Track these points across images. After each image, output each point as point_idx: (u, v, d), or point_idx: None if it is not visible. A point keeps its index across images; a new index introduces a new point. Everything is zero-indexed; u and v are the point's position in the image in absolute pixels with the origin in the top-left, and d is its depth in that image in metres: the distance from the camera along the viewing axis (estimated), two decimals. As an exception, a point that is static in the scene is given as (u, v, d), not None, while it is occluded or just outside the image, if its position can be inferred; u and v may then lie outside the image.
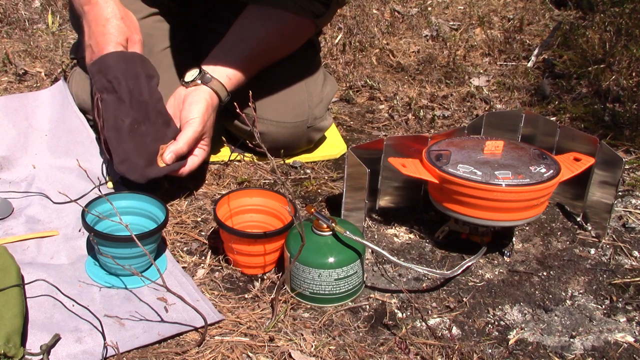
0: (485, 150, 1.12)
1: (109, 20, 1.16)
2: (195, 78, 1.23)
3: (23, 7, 2.29)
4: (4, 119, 1.35)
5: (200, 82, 1.22)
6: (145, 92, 1.16)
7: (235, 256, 1.06)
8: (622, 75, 1.79)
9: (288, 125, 1.37)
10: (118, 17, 1.16)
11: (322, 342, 0.93)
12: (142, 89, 1.16)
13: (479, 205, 1.05)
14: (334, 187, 1.35)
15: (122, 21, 1.17)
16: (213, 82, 1.23)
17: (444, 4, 2.58)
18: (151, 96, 1.17)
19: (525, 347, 0.95)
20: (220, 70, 1.24)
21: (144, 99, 1.16)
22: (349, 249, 1.00)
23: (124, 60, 1.15)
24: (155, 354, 0.90)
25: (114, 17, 1.16)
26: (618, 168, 1.13)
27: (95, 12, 1.16)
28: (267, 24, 1.29)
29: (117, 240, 0.98)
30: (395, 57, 2.09)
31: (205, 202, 1.27)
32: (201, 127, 1.19)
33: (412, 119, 1.69)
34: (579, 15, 2.45)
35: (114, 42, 1.14)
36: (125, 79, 1.14)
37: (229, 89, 1.25)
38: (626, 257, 1.15)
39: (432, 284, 1.07)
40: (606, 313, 1.02)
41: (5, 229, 1.13)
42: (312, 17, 1.31)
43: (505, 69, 2.01)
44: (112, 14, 1.16)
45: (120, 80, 1.13)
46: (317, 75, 1.43)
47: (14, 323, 0.85)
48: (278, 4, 1.27)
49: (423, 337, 0.95)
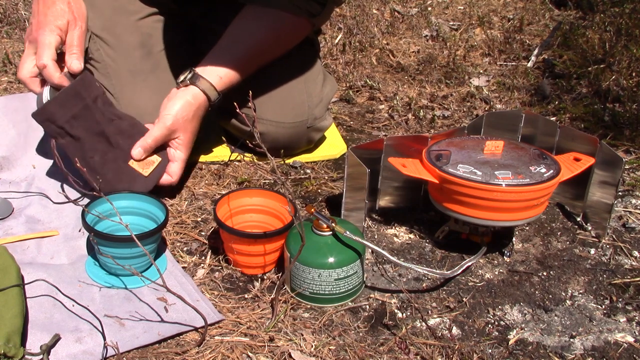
0: (485, 150, 1.12)
1: (55, 3, 1.19)
2: (185, 78, 1.23)
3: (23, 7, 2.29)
4: (4, 119, 1.36)
5: (189, 82, 1.22)
6: (99, 120, 1.17)
7: (235, 256, 1.06)
8: (622, 75, 1.79)
9: (288, 126, 1.37)
10: (65, 2, 1.20)
11: (322, 342, 0.93)
12: (95, 120, 1.17)
13: (479, 205, 1.05)
14: (334, 187, 1.35)
15: (67, 6, 1.20)
16: (201, 81, 1.22)
17: (444, 4, 2.58)
18: (106, 121, 1.18)
19: (525, 347, 0.95)
20: (211, 70, 1.24)
21: (101, 129, 1.17)
22: (349, 249, 1.00)
23: (66, 101, 1.15)
24: (155, 354, 0.90)
25: (61, 1, 1.20)
26: (618, 168, 1.13)
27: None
28: (262, 23, 1.29)
29: (117, 240, 0.98)
30: (395, 57, 2.09)
31: (205, 202, 1.27)
32: (170, 123, 1.19)
33: (412, 119, 1.69)
34: (579, 15, 2.45)
35: (51, 24, 1.17)
36: (76, 121, 1.15)
37: (219, 88, 1.24)
38: (626, 257, 1.15)
39: (432, 284, 1.07)
40: (606, 313, 1.02)
41: (5, 229, 1.13)
42: (309, 16, 1.31)
43: (505, 69, 2.01)
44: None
45: (71, 124, 1.15)
46: (317, 76, 1.43)
47: (14, 323, 0.85)
48: (274, 4, 1.27)
49: (423, 337, 0.95)
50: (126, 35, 1.34)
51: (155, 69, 1.35)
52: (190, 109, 1.21)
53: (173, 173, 1.23)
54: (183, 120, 1.21)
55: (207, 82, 1.22)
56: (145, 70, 1.34)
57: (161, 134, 1.19)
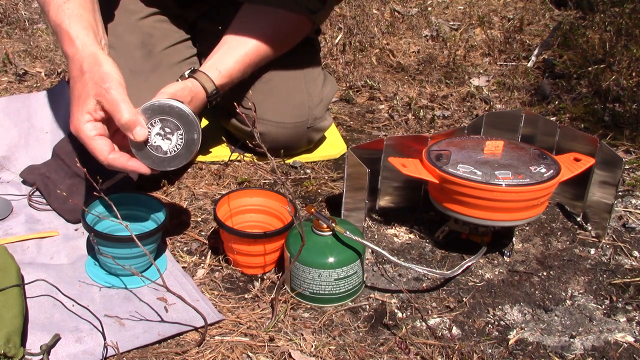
0: (485, 150, 1.12)
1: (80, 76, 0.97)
2: (184, 74, 1.21)
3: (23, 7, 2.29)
4: (6, 120, 1.36)
5: (187, 76, 1.21)
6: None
7: (235, 256, 1.06)
8: (622, 75, 1.79)
9: (288, 126, 1.37)
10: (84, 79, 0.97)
11: (322, 342, 0.93)
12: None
13: (479, 205, 1.05)
14: (334, 187, 1.35)
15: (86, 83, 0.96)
16: (199, 74, 1.20)
17: (444, 4, 2.58)
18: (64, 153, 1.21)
19: (525, 347, 0.95)
20: (211, 65, 1.22)
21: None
22: (349, 249, 1.00)
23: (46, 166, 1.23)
24: (155, 354, 0.90)
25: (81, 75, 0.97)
26: (618, 168, 1.13)
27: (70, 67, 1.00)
28: (263, 21, 1.29)
29: (117, 240, 0.98)
30: (395, 57, 2.09)
31: (205, 202, 1.27)
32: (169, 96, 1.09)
33: (412, 119, 1.69)
34: (579, 15, 2.45)
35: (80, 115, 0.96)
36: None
37: (217, 82, 1.21)
38: (626, 257, 1.15)
39: (432, 284, 1.07)
40: (606, 313, 1.02)
41: (5, 229, 1.13)
42: (309, 13, 1.31)
43: (505, 69, 2.01)
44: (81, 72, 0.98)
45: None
46: (317, 76, 1.43)
47: (14, 323, 0.85)
48: (274, 2, 1.27)
49: (423, 337, 0.95)
50: (127, 35, 1.34)
51: (156, 68, 1.35)
52: (189, 94, 1.15)
53: None
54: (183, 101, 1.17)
55: (205, 75, 1.21)
56: (146, 70, 1.34)
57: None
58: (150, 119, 0.96)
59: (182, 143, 0.97)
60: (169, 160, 0.97)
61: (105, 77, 0.96)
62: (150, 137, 0.96)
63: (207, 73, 1.21)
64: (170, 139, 0.97)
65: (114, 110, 0.94)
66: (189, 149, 0.97)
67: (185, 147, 0.97)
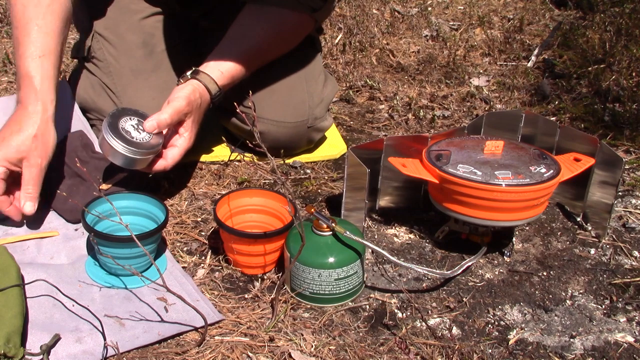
0: (485, 150, 1.12)
1: (21, 130, 1.07)
2: (187, 74, 1.22)
3: (23, 7, 2.28)
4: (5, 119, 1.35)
5: (190, 77, 1.21)
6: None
7: (235, 256, 1.06)
8: (622, 75, 1.79)
9: (288, 125, 1.36)
10: (30, 136, 1.06)
11: (322, 342, 0.93)
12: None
13: (479, 205, 1.05)
14: (334, 187, 1.35)
15: (32, 139, 1.06)
16: (202, 75, 1.21)
17: (444, 4, 2.58)
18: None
19: (525, 347, 0.95)
20: (212, 66, 1.23)
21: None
22: (349, 249, 1.00)
23: None
24: (155, 354, 0.90)
25: (27, 131, 1.07)
26: (618, 168, 1.13)
27: (19, 113, 1.09)
28: (264, 21, 1.29)
29: (117, 240, 0.98)
30: (395, 57, 2.09)
31: (205, 202, 1.27)
32: (185, 103, 1.14)
33: (412, 119, 1.69)
34: (579, 15, 2.45)
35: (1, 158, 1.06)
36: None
37: (220, 83, 1.22)
38: (626, 257, 1.15)
39: (432, 284, 1.07)
40: (606, 313, 1.02)
41: (5, 229, 1.13)
42: (310, 11, 1.31)
43: (505, 69, 2.01)
44: (29, 126, 1.07)
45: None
46: (318, 75, 1.43)
47: (14, 323, 0.85)
48: (275, 2, 1.27)
49: (423, 337, 0.95)
50: (129, 35, 1.34)
51: (157, 68, 1.35)
52: (199, 97, 1.18)
53: (170, 158, 1.17)
54: (195, 104, 1.17)
55: (208, 76, 1.21)
56: (147, 69, 1.34)
57: (175, 111, 1.14)
58: (129, 116, 1.16)
59: (149, 139, 1.13)
60: (136, 145, 1.11)
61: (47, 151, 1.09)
62: (125, 124, 1.13)
63: (209, 74, 1.21)
64: (141, 133, 1.13)
65: (27, 181, 1.07)
66: (153, 148, 1.14)
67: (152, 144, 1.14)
